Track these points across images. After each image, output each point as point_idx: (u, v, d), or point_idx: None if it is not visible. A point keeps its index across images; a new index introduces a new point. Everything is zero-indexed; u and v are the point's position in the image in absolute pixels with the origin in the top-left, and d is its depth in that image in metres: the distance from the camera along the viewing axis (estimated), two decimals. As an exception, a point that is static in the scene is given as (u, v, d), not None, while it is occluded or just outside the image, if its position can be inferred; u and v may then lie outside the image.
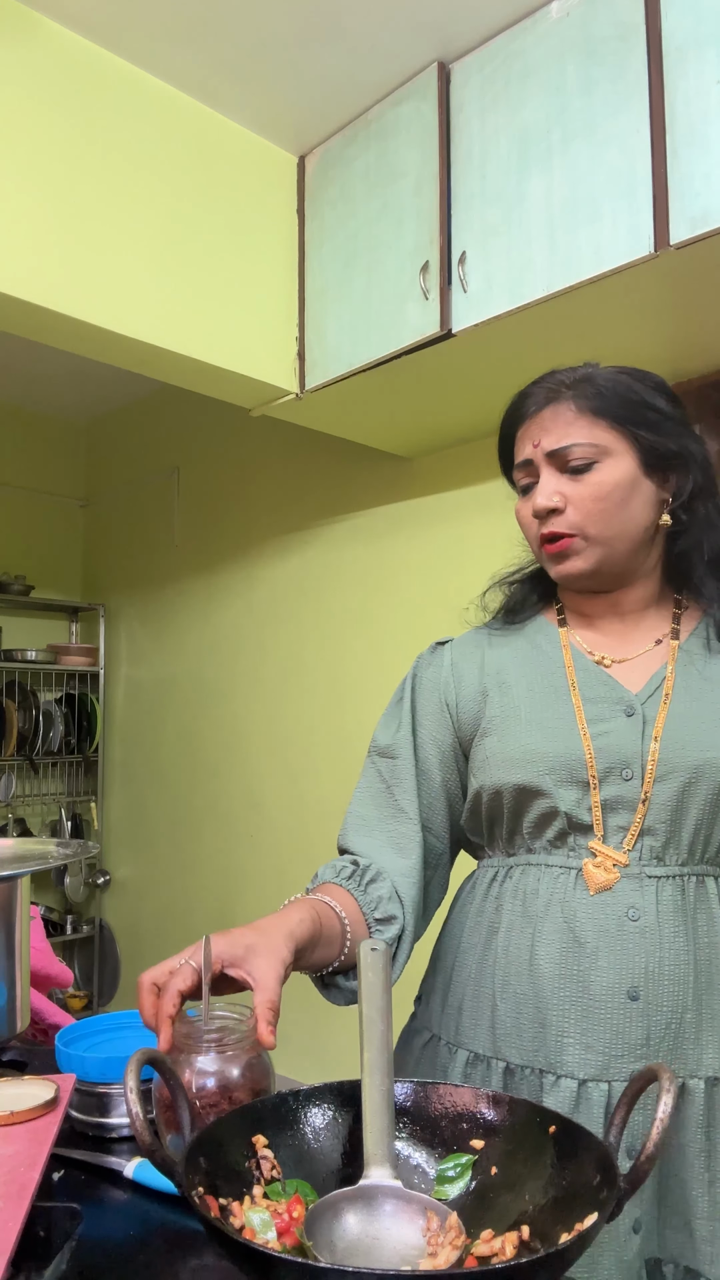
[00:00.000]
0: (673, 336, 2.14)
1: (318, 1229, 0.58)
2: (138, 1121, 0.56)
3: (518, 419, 1.01)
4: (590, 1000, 0.87)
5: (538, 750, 0.94)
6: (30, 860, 1.00)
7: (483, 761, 0.98)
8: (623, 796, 0.91)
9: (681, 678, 0.95)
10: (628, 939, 0.88)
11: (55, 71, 2.04)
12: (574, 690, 0.96)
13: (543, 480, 0.97)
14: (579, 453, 0.94)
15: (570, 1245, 0.51)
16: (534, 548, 1.01)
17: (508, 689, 1.00)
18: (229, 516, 3.66)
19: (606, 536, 0.95)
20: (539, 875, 0.94)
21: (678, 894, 0.89)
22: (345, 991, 0.91)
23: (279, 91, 2.26)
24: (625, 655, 0.99)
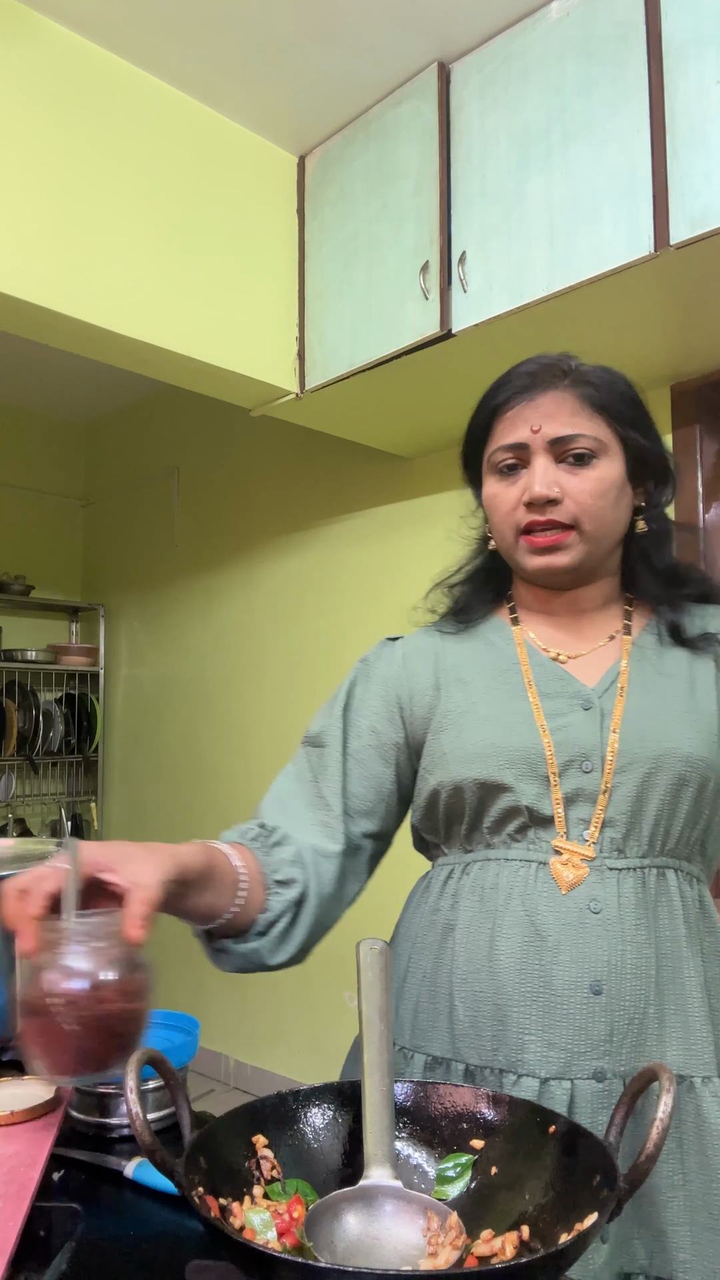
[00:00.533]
0: (673, 336, 2.14)
1: (318, 1229, 0.58)
2: (138, 1121, 0.56)
3: (510, 398, 0.95)
4: (552, 995, 0.85)
5: (497, 744, 0.92)
6: (30, 860, 1.00)
7: (439, 758, 0.96)
8: (583, 789, 0.90)
9: (636, 671, 0.96)
10: (589, 932, 0.86)
11: (55, 71, 2.04)
12: (531, 688, 0.96)
13: (540, 467, 0.92)
14: (583, 444, 0.92)
15: (570, 1245, 0.51)
16: (506, 536, 0.97)
17: (464, 686, 0.98)
18: (229, 516, 3.66)
19: (598, 534, 0.94)
20: (498, 869, 0.91)
21: (639, 886, 0.89)
22: (232, 955, 0.87)
23: (279, 91, 2.26)
24: (579, 651, 0.98)
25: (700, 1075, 0.85)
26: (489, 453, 0.97)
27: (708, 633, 0.99)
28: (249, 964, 0.88)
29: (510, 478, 0.95)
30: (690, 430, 2.38)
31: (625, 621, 1.00)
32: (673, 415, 2.41)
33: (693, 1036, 0.86)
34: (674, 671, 0.96)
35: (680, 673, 0.96)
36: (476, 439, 1.00)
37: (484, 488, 0.99)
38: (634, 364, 2.30)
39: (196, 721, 3.72)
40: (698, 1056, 0.85)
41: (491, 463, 0.97)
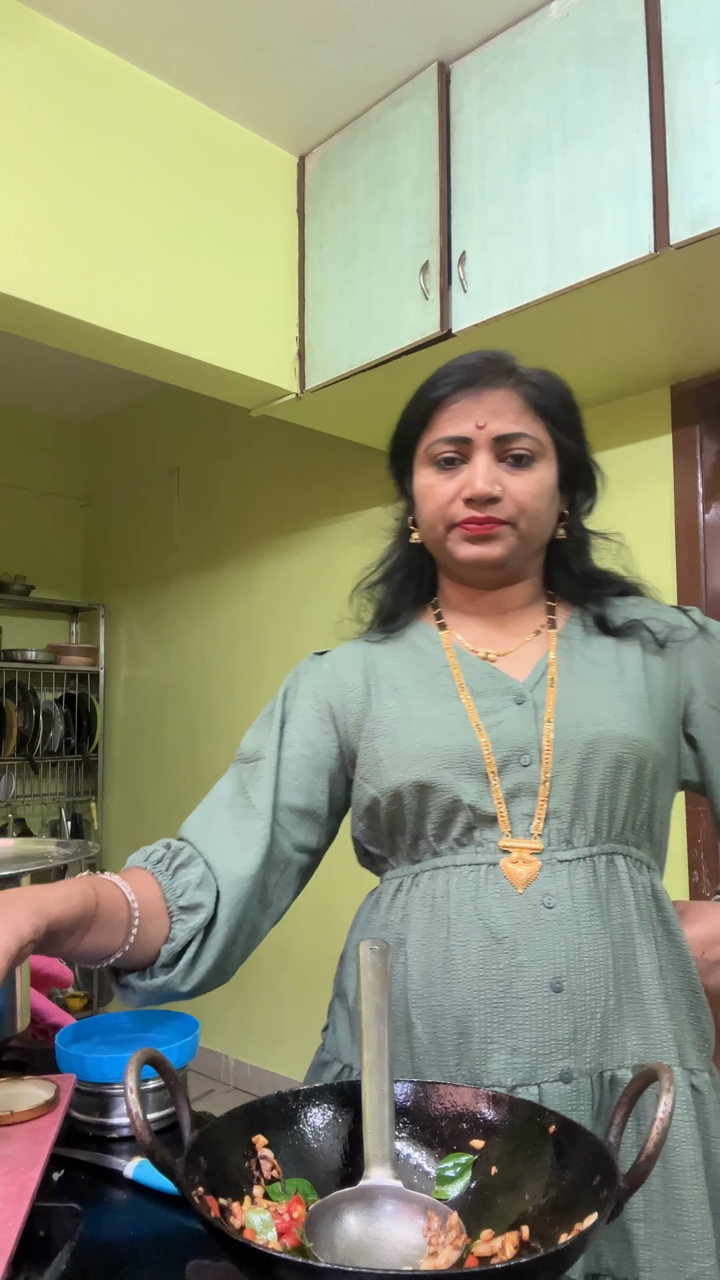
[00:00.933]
0: (673, 336, 2.14)
1: (318, 1230, 0.58)
2: (138, 1121, 0.56)
3: (454, 391, 0.94)
4: (513, 999, 0.83)
5: (433, 745, 0.91)
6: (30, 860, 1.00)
7: (375, 765, 0.94)
8: (524, 783, 0.89)
9: (564, 661, 0.96)
10: (545, 928, 0.85)
11: (55, 71, 2.04)
12: (463, 689, 0.95)
13: (482, 464, 0.92)
14: (526, 445, 0.92)
15: (570, 1245, 0.51)
16: (437, 528, 0.95)
17: (397, 692, 0.97)
18: (229, 516, 3.66)
19: (531, 534, 0.95)
20: (448, 877, 0.89)
21: (590, 876, 0.88)
22: (138, 992, 0.86)
23: (279, 91, 2.26)
24: (507, 648, 0.99)
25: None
26: (427, 443, 0.96)
27: (632, 619, 1.00)
28: (158, 998, 0.87)
29: (448, 471, 0.94)
30: (690, 430, 2.38)
31: (550, 617, 1.01)
32: (673, 415, 2.41)
33: (651, 1026, 0.85)
34: (601, 658, 0.97)
35: (608, 659, 0.97)
36: (412, 429, 0.98)
37: (417, 478, 0.97)
38: (634, 364, 2.31)
39: (196, 721, 3.72)
40: (657, 1046, 0.85)
41: (429, 454, 0.95)
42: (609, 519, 1.01)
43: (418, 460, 0.98)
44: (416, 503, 0.98)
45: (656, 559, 2.43)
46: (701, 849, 2.29)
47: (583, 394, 2.78)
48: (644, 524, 2.46)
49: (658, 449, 2.44)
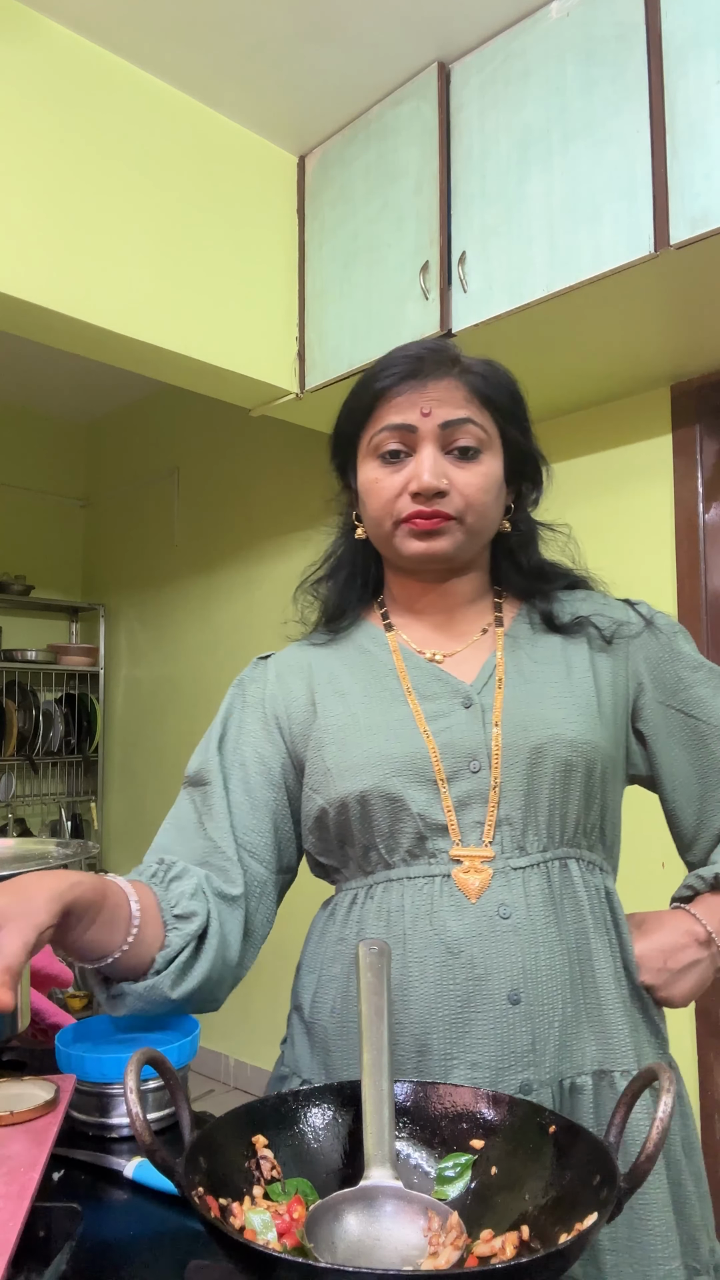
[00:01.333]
0: (673, 336, 2.14)
1: (318, 1230, 0.58)
2: (138, 1121, 0.56)
3: (398, 381, 0.91)
4: (471, 1013, 0.82)
5: (381, 753, 0.89)
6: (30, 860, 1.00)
7: (323, 775, 0.91)
8: (474, 790, 0.88)
9: (511, 662, 0.95)
10: (501, 939, 0.83)
11: (55, 71, 2.04)
12: (410, 693, 0.93)
13: (428, 456, 0.89)
14: (472, 433, 0.90)
15: (570, 1245, 0.51)
16: (384, 524, 0.93)
17: (342, 698, 0.95)
18: (229, 516, 3.66)
19: (478, 529, 0.93)
20: (401, 890, 0.87)
21: (544, 883, 0.87)
22: (130, 998, 0.84)
23: (279, 91, 2.26)
24: (454, 648, 0.97)
25: (620, 1069, 0.84)
26: (370, 435, 0.93)
27: (580, 616, 0.98)
28: (148, 1003, 0.84)
29: (394, 464, 0.91)
30: (690, 430, 2.38)
31: (496, 614, 0.99)
32: (673, 415, 2.41)
33: (609, 1031, 0.85)
34: (549, 658, 0.95)
35: (555, 658, 0.95)
36: (355, 421, 0.96)
37: (362, 472, 0.95)
38: (634, 364, 2.31)
39: (196, 721, 3.71)
40: (616, 1051, 0.84)
41: (372, 445, 0.93)
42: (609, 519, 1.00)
43: (361, 453, 0.95)
44: (361, 497, 0.96)
45: (656, 559, 2.43)
46: (701, 849, 2.29)
47: (583, 394, 2.80)
48: (644, 524, 2.46)
49: (658, 449, 2.44)
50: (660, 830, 2.60)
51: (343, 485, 1.03)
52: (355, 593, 1.03)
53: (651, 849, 2.41)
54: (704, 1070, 2.24)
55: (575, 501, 2.61)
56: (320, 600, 1.05)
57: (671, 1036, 0.95)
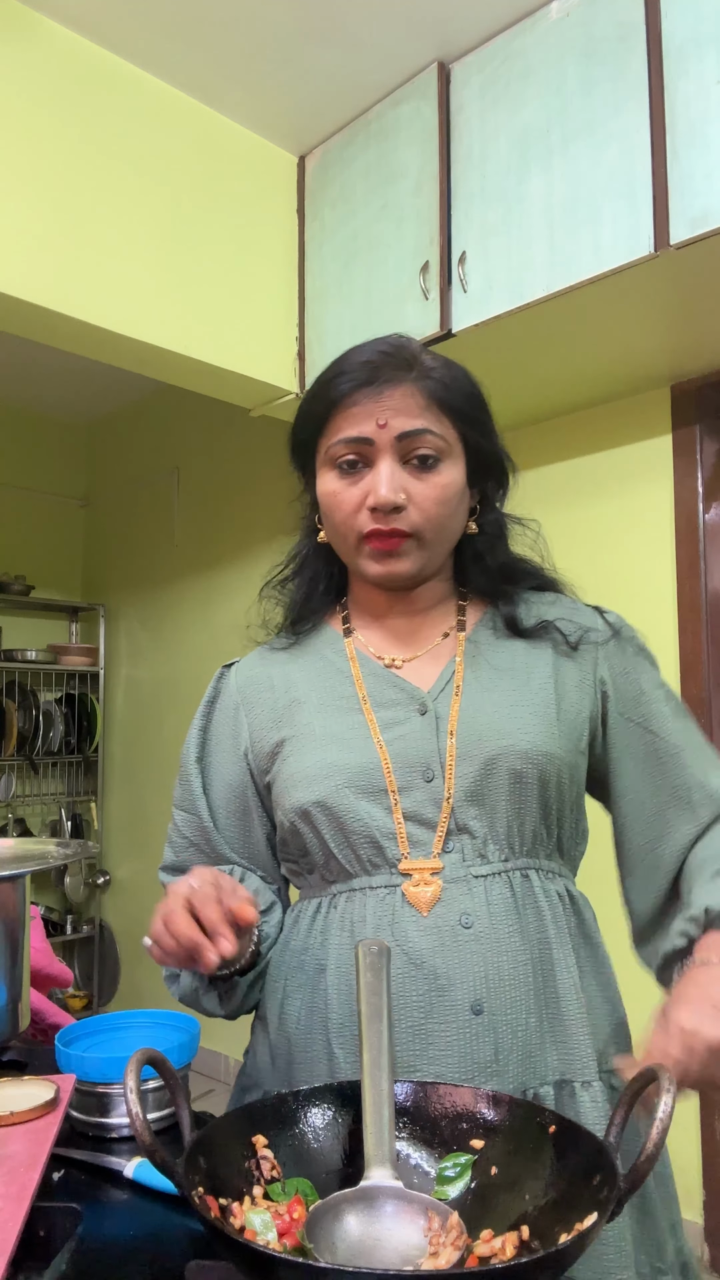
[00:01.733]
0: (673, 336, 2.14)
1: (319, 1231, 0.58)
2: (138, 1121, 0.56)
3: (354, 389, 0.88)
4: (435, 1025, 0.81)
5: (334, 764, 0.88)
6: (30, 860, 1.00)
7: (284, 786, 0.91)
8: (427, 800, 0.87)
9: (470, 669, 0.93)
10: (464, 949, 0.83)
11: (55, 71, 2.04)
12: (365, 702, 0.92)
13: (387, 470, 0.87)
14: (430, 443, 0.88)
15: (570, 1245, 0.51)
16: (347, 539, 0.91)
17: (300, 707, 0.94)
18: (229, 516, 3.66)
19: (436, 542, 0.91)
20: (364, 900, 0.86)
21: (507, 891, 0.86)
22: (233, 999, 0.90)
23: (279, 91, 2.26)
24: (414, 653, 0.95)
25: (580, 1080, 0.83)
26: (327, 445, 0.91)
27: (544, 620, 0.96)
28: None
29: (352, 476, 0.89)
30: (690, 430, 2.38)
31: (460, 618, 0.97)
32: (673, 415, 2.41)
33: (571, 1041, 0.84)
34: (509, 664, 0.93)
35: (515, 665, 0.93)
36: (311, 429, 0.93)
37: (320, 483, 0.93)
38: (634, 364, 2.31)
39: (196, 721, 3.72)
40: (578, 1061, 0.83)
41: (329, 456, 0.90)
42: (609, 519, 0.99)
43: (319, 462, 0.93)
44: (322, 509, 0.94)
45: (656, 559, 2.43)
46: (701, 849, 2.29)
47: (583, 394, 2.79)
48: (644, 524, 2.46)
49: (658, 449, 2.44)
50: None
51: (304, 486, 1.01)
52: (319, 595, 1.01)
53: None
54: (704, 1070, 2.24)
55: (575, 501, 2.61)
56: (284, 602, 1.04)
57: None
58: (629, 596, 2.49)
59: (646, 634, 1.04)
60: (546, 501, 2.66)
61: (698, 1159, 2.26)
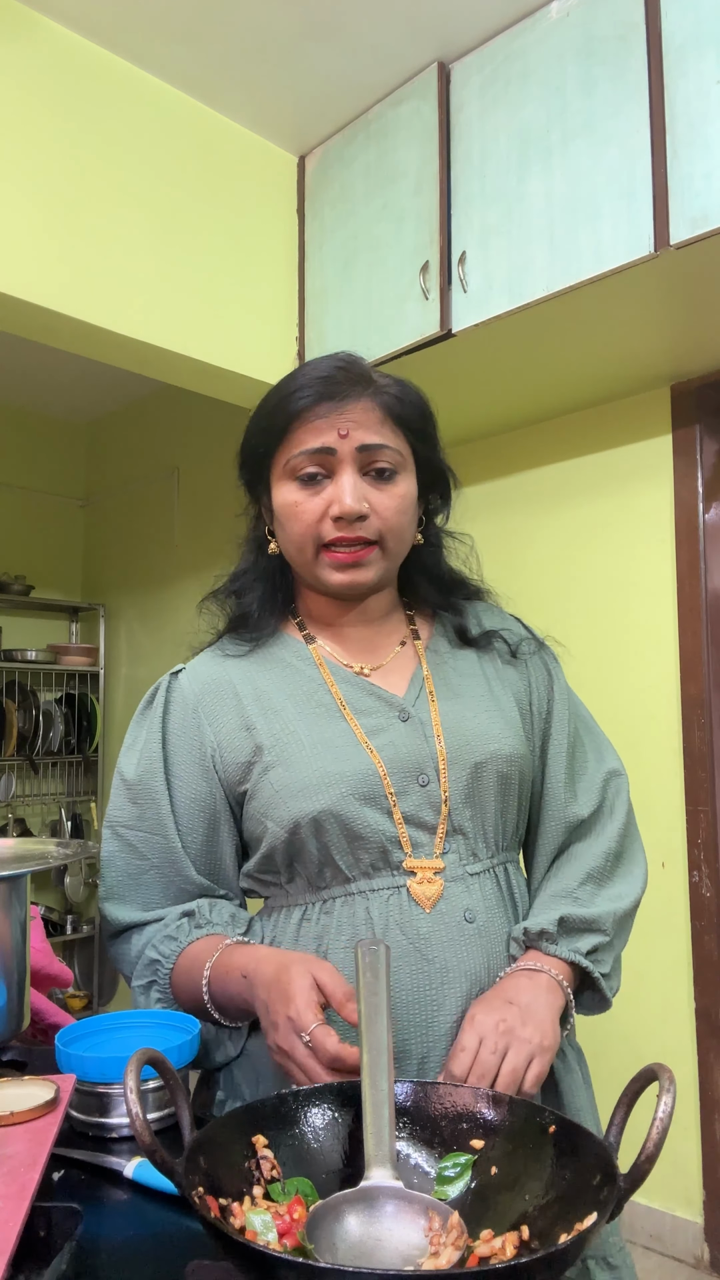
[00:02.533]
0: (673, 336, 2.14)
1: (319, 1231, 0.58)
2: (138, 1121, 0.56)
3: (314, 403, 0.90)
4: (441, 1017, 0.86)
5: (332, 772, 0.89)
6: (30, 860, 1.00)
7: (270, 797, 0.90)
8: (424, 803, 0.90)
9: (438, 675, 0.98)
10: (468, 942, 0.88)
11: (55, 71, 2.04)
12: (345, 708, 0.93)
13: (348, 480, 0.90)
14: (388, 458, 0.91)
15: (570, 1245, 0.51)
16: (305, 549, 0.93)
17: (277, 715, 0.93)
18: (229, 516, 3.65)
19: (397, 550, 0.95)
20: (365, 903, 0.89)
21: (495, 887, 0.92)
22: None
23: (279, 91, 2.26)
24: (378, 661, 0.98)
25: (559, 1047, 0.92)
26: (286, 457, 0.92)
27: (487, 630, 1.03)
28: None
29: (313, 487, 0.91)
30: (690, 430, 2.38)
31: (411, 627, 1.02)
32: (673, 415, 2.42)
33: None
34: (470, 671, 0.99)
35: (475, 672, 0.99)
36: (269, 441, 0.94)
37: (278, 494, 0.94)
38: (634, 364, 2.31)
39: (196, 721, 3.72)
40: None
41: (289, 468, 0.92)
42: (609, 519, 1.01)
43: (276, 474, 0.94)
44: (279, 519, 0.95)
45: (656, 559, 2.43)
46: (701, 849, 2.29)
47: (583, 394, 2.80)
48: (644, 524, 2.46)
49: (658, 449, 2.44)
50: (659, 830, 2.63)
51: (251, 499, 1.03)
52: (271, 606, 1.02)
53: (651, 849, 2.41)
54: (704, 1070, 2.24)
55: (575, 501, 2.61)
56: (232, 610, 1.03)
57: (671, 1036, 0.97)
58: (629, 596, 2.49)
59: (646, 634, 1.09)
60: (547, 501, 2.66)
61: (698, 1159, 2.26)
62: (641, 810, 1.24)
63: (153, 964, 0.93)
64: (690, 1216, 2.28)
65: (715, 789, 2.29)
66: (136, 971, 0.95)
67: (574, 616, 2.56)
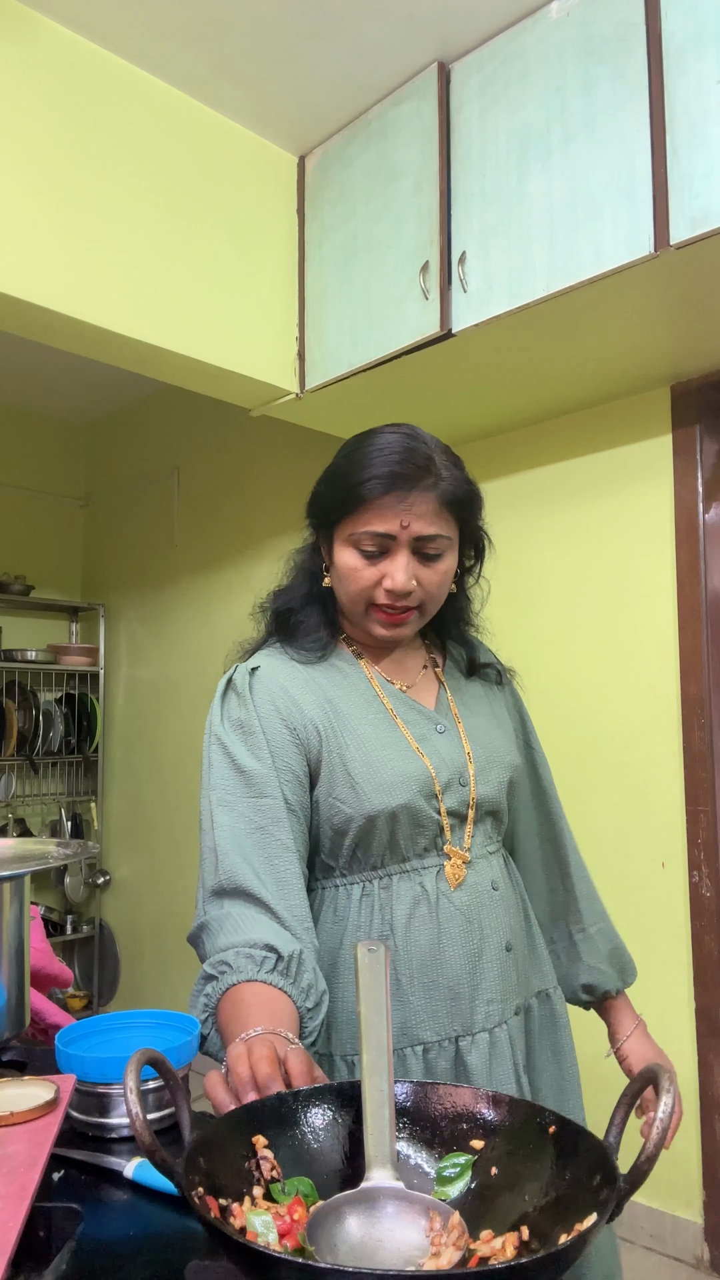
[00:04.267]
0: (673, 336, 2.14)
1: (320, 1233, 0.58)
2: (138, 1121, 0.56)
3: (384, 492, 1.03)
4: (484, 965, 1.07)
5: (406, 771, 1.06)
6: (30, 860, 1.00)
7: (350, 788, 1.04)
8: (461, 801, 1.09)
9: (457, 697, 1.18)
10: (497, 906, 1.10)
11: (55, 71, 2.04)
12: (395, 717, 1.11)
13: (403, 561, 1.05)
14: (439, 545, 1.06)
15: (570, 1245, 0.51)
16: (356, 603, 1.08)
17: (346, 716, 1.08)
18: (229, 516, 3.66)
19: (433, 612, 1.12)
20: (419, 879, 1.07)
21: (504, 865, 1.16)
22: None
23: (279, 91, 2.26)
24: (411, 681, 1.16)
25: (550, 986, 1.18)
26: (353, 529, 1.06)
27: (483, 661, 1.23)
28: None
29: (371, 559, 1.06)
30: (690, 430, 2.38)
31: (431, 655, 1.21)
32: (673, 415, 2.41)
33: (544, 964, 1.18)
34: (478, 695, 1.20)
35: (480, 695, 1.21)
36: (338, 510, 1.07)
37: (340, 555, 1.08)
38: (634, 364, 2.31)
39: (196, 721, 3.71)
40: (548, 975, 1.19)
41: (352, 539, 1.06)
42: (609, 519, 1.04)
43: (340, 537, 1.08)
44: (338, 572, 1.09)
45: (656, 559, 2.43)
46: (701, 849, 2.29)
47: (583, 394, 2.79)
48: (644, 524, 2.46)
49: (658, 449, 2.44)
50: (659, 830, 2.62)
51: (313, 536, 1.16)
52: (328, 628, 1.16)
53: (651, 849, 2.42)
54: (704, 1070, 2.24)
55: (575, 501, 2.61)
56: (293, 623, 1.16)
57: (671, 1036, 1.01)
58: (629, 596, 2.49)
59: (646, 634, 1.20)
60: (547, 501, 2.66)
61: (698, 1159, 2.26)
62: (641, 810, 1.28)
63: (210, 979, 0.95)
64: (690, 1216, 2.28)
65: (715, 789, 2.29)
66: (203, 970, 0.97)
67: (574, 616, 2.56)
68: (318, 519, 1.13)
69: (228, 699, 1.11)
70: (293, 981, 0.93)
